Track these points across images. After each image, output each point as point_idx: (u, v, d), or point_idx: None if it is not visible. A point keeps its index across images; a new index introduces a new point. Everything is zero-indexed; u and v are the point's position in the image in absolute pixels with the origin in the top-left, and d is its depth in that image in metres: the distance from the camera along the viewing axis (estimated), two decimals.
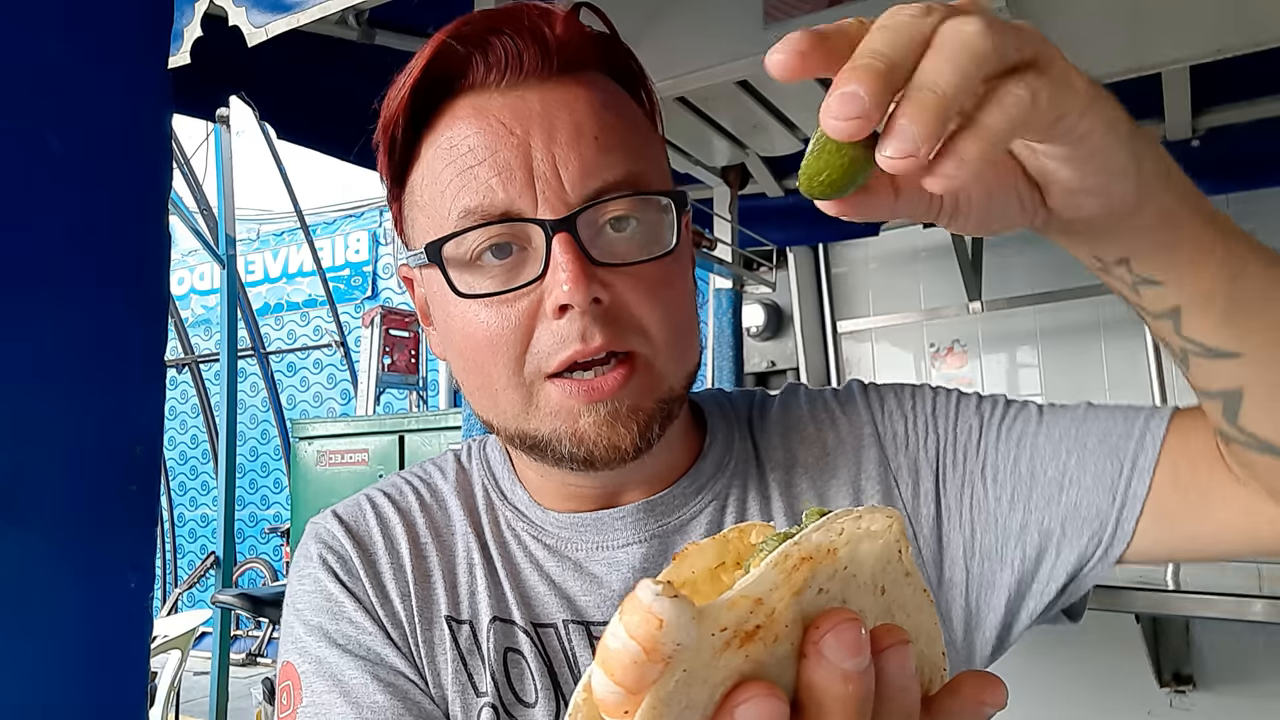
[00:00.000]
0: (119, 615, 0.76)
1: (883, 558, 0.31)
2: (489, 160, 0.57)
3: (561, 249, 0.55)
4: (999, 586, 0.64)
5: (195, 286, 7.97)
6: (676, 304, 0.61)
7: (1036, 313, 3.51)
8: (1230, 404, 0.51)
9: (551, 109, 0.58)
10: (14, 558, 0.69)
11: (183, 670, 3.37)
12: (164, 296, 0.81)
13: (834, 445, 0.70)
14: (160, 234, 0.81)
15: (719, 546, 0.33)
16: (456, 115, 0.59)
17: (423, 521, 0.69)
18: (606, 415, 0.57)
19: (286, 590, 0.68)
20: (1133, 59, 1.61)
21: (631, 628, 0.24)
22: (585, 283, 0.54)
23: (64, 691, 0.73)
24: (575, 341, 0.56)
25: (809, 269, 3.96)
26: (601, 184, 0.57)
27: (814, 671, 0.28)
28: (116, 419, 0.77)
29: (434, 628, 0.65)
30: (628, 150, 0.59)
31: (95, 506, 0.75)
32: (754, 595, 0.26)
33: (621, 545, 0.66)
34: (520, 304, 0.57)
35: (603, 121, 0.59)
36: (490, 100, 0.58)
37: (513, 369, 0.58)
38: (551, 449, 0.59)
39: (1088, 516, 0.61)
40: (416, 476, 0.73)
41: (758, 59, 1.60)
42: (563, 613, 0.65)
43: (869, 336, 3.92)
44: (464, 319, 0.59)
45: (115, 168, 0.78)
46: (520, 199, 0.56)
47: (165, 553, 7.53)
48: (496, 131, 0.57)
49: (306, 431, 4.31)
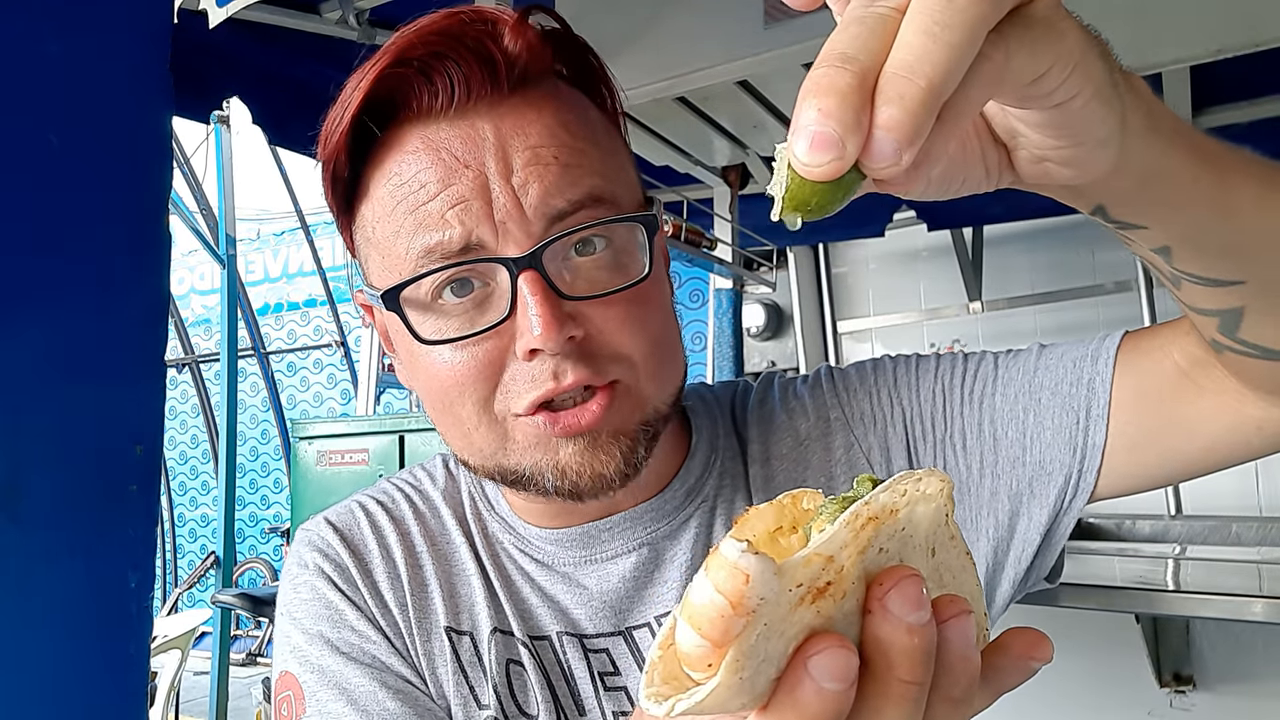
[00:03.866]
0: (119, 615, 0.76)
1: (935, 520, 0.31)
2: (443, 195, 0.53)
3: (530, 289, 0.52)
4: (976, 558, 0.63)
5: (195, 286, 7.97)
6: (655, 323, 0.58)
7: (1036, 313, 3.51)
8: (1229, 320, 0.49)
9: (505, 136, 0.54)
10: (14, 557, 0.69)
11: (183, 670, 3.37)
12: (164, 296, 0.81)
13: (805, 434, 0.68)
14: (160, 234, 0.81)
15: (776, 511, 0.34)
16: (405, 148, 0.55)
17: (417, 530, 0.68)
18: (586, 444, 0.55)
19: (280, 598, 0.66)
20: (1133, 59, 1.61)
21: (719, 583, 0.25)
22: (557, 325, 0.51)
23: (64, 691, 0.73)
24: (547, 381, 0.53)
25: (809, 269, 3.96)
26: (565, 204, 0.54)
27: (880, 625, 0.29)
28: (116, 419, 0.77)
29: (433, 639, 0.63)
30: (589, 166, 0.56)
31: (95, 506, 0.75)
32: (826, 553, 0.27)
33: (610, 557, 0.64)
34: (486, 345, 0.54)
35: (560, 140, 0.55)
36: (439, 131, 0.54)
37: (482, 408, 0.56)
38: (534, 483, 0.57)
39: (1052, 472, 0.61)
40: (407, 483, 0.71)
41: (758, 59, 1.60)
42: (556, 625, 0.64)
43: (869, 336, 3.92)
44: (428, 361, 0.56)
45: (115, 168, 0.78)
46: (479, 231, 0.53)
47: (165, 552, 7.53)
48: (449, 165, 0.54)
49: (306, 431, 4.30)
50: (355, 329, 6.81)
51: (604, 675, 0.63)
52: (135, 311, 0.78)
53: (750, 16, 1.57)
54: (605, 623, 0.64)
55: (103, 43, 0.77)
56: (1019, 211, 2.63)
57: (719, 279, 2.72)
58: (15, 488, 0.68)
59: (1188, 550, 2.23)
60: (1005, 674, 0.33)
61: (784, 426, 0.69)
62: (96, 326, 0.76)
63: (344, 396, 7.22)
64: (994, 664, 0.33)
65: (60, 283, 0.74)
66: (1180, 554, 2.16)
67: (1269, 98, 2.04)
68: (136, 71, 0.80)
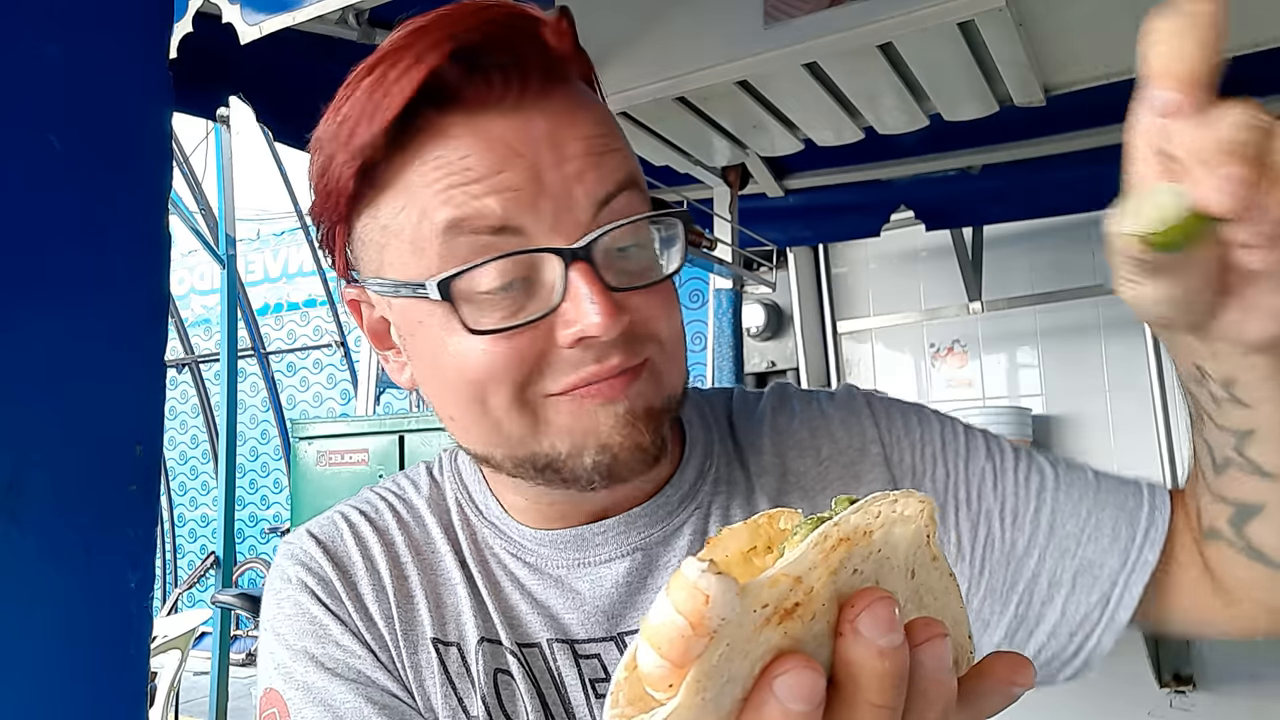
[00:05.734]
0: (119, 615, 0.76)
1: (914, 542, 0.31)
2: (489, 179, 0.52)
3: (584, 280, 0.52)
4: (994, 626, 0.63)
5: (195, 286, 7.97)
6: (677, 310, 0.59)
7: (1036, 313, 3.51)
8: (1243, 513, 0.52)
9: (558, 127, 0.54)
10: (14, 557, 0.69)
11: (182, 670, 3.37)
12: (164, 296, 0.81)
13: (829, 455, 0.68)
14: (160, 234, 0.81)
15: (750, 531, 0.33)
16: (447, 133, 0.53)
17: (401, 540, 0.66)
18: (625, 414, 0.55)
19: (263, 613, 0.65)
20: (1133, 59, 1.61)
21: (679, 603, 0.25)
22: (615, 316, 0.51)
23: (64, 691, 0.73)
24: (589, 364, 0.54)
25: (809, 269, 3.96)
26: (613, 187, 0.54)
27: (850, 648, 0.29)
28: (116, 419, 0.77)
29: (419, 651, 0.62)
30: (623, 154, 0.57)
31: (95, 506, 0.74)
32: (794, 574, 0.27)
33: (604, 561, 0.63)
34: (527, 335, 0.54)
35: (604, 131, 0.56)
36: (491, 122, 0.53)
37: (515, 395, 0.55)
38: (570, 464, 0.56)
39: (1099, 576, 0.61)
40: (390, 492, 0.70)
41: (758, 59, 1.60)
42: (546, 631, 0.63)
43: (869, 336, 3.92)
44: (462, 353, 0.55)
45: (115, 168, 0.78)
46: (520, 217, 0.52)
47: (165, 553, 7.53)
48: (500, 154, 0.52)
49: (306, 431, 4.30)
50: (355, 329, 6.80)
51: (595, 682, 0.62)
52: (135, 311, 0.78)
53: (750, 16, 1.57)
54: (597, 628, 0.63)
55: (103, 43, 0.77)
56: (1018, 211, 2.63)
57: (719, 279, 2.72)
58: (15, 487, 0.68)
59: None
60: (985, 699, 0.33)
61: (805, 443, 0.69)
62: (96, 326, 0.76)
63: (344, 396, 7.22)
64: (973, 689, 0.33)
65: (60, 282, 0.74)
66: None
67: (1269, 98, 2.04)
68: (136, 71, 0.80)
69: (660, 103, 1.81)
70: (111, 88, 0.78)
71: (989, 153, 2.42)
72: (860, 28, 1.48)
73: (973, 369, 3.68)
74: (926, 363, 3.79)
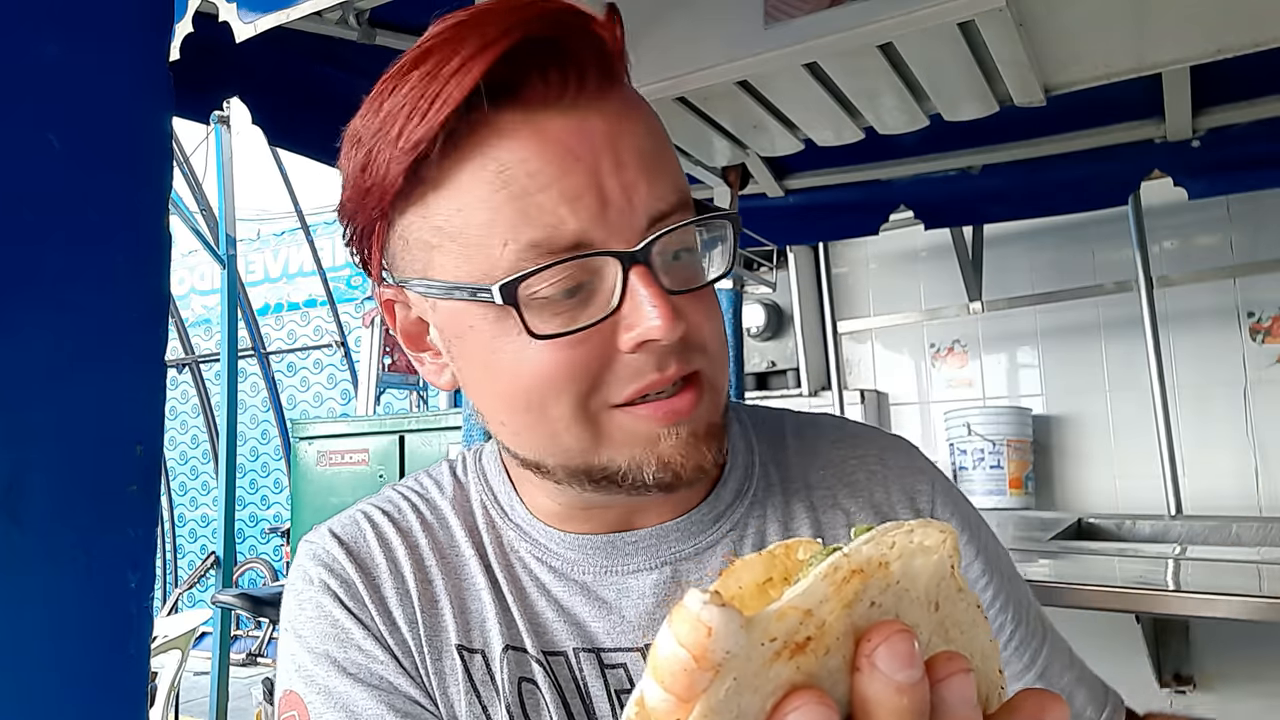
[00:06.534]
0: (119, 615, 0.76)
1: (937, 574, 0.30)
2: (554, 187, 0.51)
3: (643, 283, 0.51)
4: None
5: (195, 286, 7.97)
6: (721, 317, 0.59)
7: (1036, 313, 3.51)
8: None
9: (615, 130, 0.53)
10: (14, 557, 0.69)
11: (183, 670, 3.37)
12: (164, 296, 0.81)
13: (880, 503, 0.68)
14: (160, 234, 0.81)
15: (766, 562, 0.32)
16: (505, 132, 0.51)
17: (426, 542, 0.65)
18: (688, 435, 0.54)
19: (284, 612, 0.64)
20: (1133, 59, 1.61)
21: (681, 636, 0.25)
22: (675, 318, 0.51)
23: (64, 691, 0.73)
24: (651, 372, 0.53)
25: (809, 269, 3.96)
26: (666, 205, 0.53)
27: (867, 684, 0.28)
28: (117, 419, 0.77)
29: (444, 657, 0.61)
30: (677, 169, 0.56)
31: (95, 506, 0.74)
32: (803, 606, 0.27)
33: (632, 571, 0.62)
34: (588, 342, 0.53)
35: (657, 142, 0.56)
36: (550, 121, 0.52)
37: (578, 405, 0.53)
38: (630, 478, 0.55)
39: None
40: (414, 492, 0.69)
41: (758, 59, 1.60)
42: (573, 640, 0.62)
43: (869, 336, 3.92)
44: (519, 359, 0.53)
45: (115, 168, 0.78)
46: (592, 229, 0.51)
47: (165, 553, 7.53)
48: (561, 157, 0.51)
49: (307, 431, 4.30)
50: (355, 329, 6.80)
51: (620, 693, 0.61)
52: (135, 311, 0.78)
53: (750, 16, 1.57)
54: (624, 638, 0.62)
55: (102, 43, 0.77)
56: (1018, 211, 2.63)
57: None
58: (15, 487, 0.68)
59: (1188, 550, 2.22)
60: None
61: (860, 485, 0.68)
62: (96, 326, 0.76)
63: (344, 397, 7.22)
64: None
65: (60, 283, 0.74)
66: (1180, 554, 2.15)
67: (1269, 98, 2.04)
68: (136, 72, 0.80)
69: (660, 103, 1.81)
70: (111, 88, 0.78)
71: (989, 153, 2.42)
72: (860, 28, 1.48)
73: (973, 369, 3.68)
74: (926, 362, 3.79)
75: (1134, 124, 2.19)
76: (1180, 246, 3.23)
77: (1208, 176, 2.15)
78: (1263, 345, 3.12)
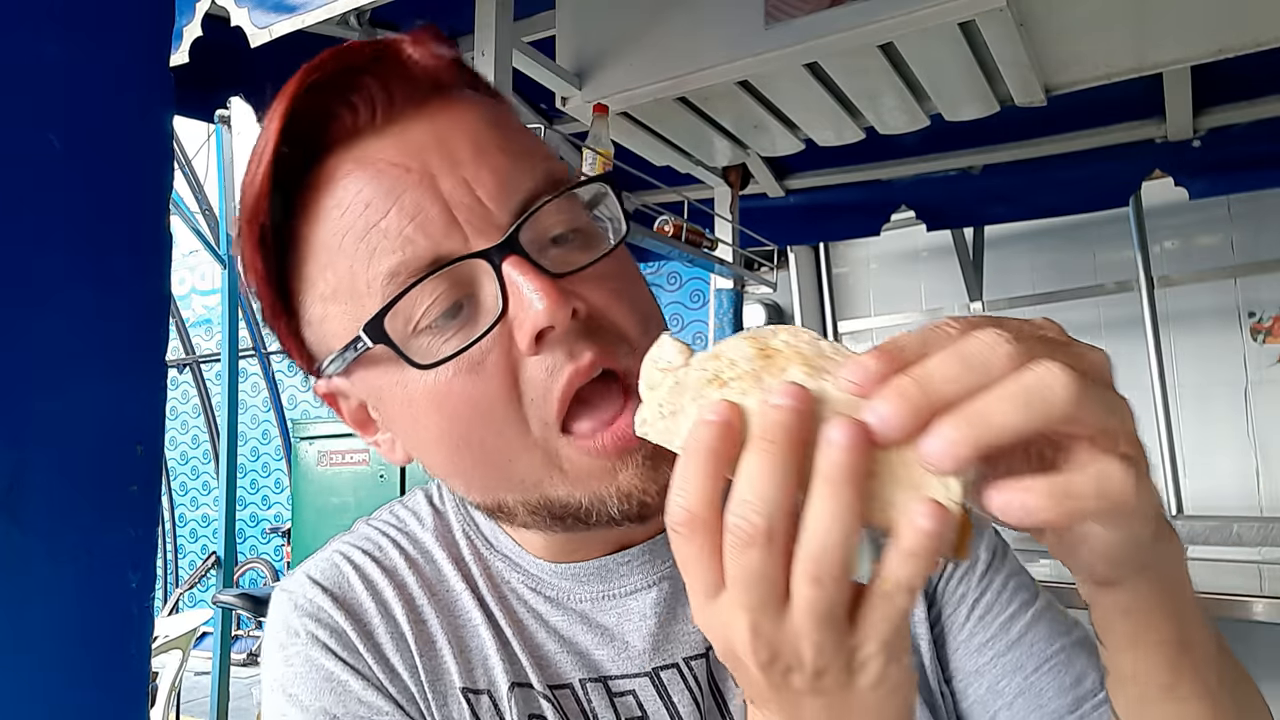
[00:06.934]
0: (120, 615, 0.76)
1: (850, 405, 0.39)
2: (392, 209, 0.49)
3: (518, 271, 0.48)
4: None
5: (196, 287, 7.97)
6: (643, 298, 0.55)
7: (1036, 313, 3.50)
8: None
9: (441, 132, 0.51)
10: (14, 557, 0.69)
11: (183, 670, 3.38)
12: (164, 296, 0.81)
13: None
14: (161, 234, 0.81)
15: None
16: (334, 176, 0.50)
17: (414, 580, 0.61)
18: (643, 460, 0.50)
19: (267, 672, 0.59)
20: (1134, 59, 1.61)
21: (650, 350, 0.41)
22: (559, 296, 0.47)
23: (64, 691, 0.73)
24: (566, 364, 0.49)
25: (810, 269, 3.96)
26: (526, 195, 0.51)
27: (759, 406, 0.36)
28: (117, 419, 0.77)
29: (449, 702, 0.57)
30: (540, 152, 0.53)
31: (96, 506, 0.74)
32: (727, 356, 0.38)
33: (630, 592, 0.60)
34: (491, 355, 0.50)
35: (500, 133, 0.52)
36: (368, 146, 0.50)
37: (517, 428, 0.50)
38: (594, 513, 0.52)
39: (1044, 709, 0.58)
40: (392, 526, 0.65)
41: (758, 59, 1.60)
42: (578, 671, 0.59)
43: (869, 336, 3.92)
44: (433, 396, 0.51)
45: (116, 168, 0.78)
46: (444, 240, 0.49)
47: (166, 553, 7.53)
48: (390, 176, 0.49)
49: (308, 431, 4.31)
50: None
51: None
52: (136, 311, 0.78)
53: (750, 16, 1.57)
54: (629, 663, 0.59)
55: (103, 43, 0.77)
56: (1019, 211, 2.63)
57: (719, 279, 2.72)
58: (15, 487, 0.68)
59: (1189, 550, 2.21)
60: None
61: None
62: (97, 326, 0.76)
63: None
64: None
65: (61, 283, 0.74)
66: None
67: (1269, 98, 2.04)
68: (137, 71, 0.80)
69: (661, 103, 1.81)
70: (112, 88, 0.78)
71: (990, 153, 2.42)
72: (861, 28, 1.48)
73: None
74: None
75: (1135, 124, 2.19)
76: (1181, 246, 3.23)
77: (1208, 176, 2.16)
78: (1263, 345, 3.12)
